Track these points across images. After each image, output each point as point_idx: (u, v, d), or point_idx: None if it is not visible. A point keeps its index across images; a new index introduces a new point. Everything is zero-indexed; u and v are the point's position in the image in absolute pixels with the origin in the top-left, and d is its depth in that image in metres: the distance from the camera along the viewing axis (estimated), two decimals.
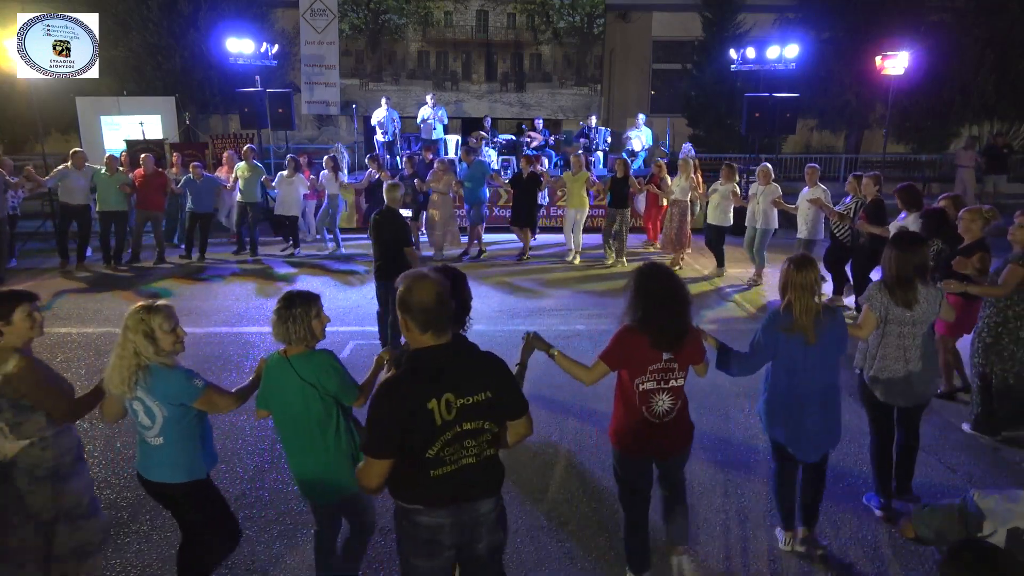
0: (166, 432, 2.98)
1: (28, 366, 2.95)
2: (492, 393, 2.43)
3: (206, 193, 10.56)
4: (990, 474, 4.71)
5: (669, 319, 3.10)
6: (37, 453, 3.00)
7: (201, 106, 16.56)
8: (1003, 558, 1.93)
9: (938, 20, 16.49)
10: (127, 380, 2.89)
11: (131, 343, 2.90)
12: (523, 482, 4.57)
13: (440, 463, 2.39)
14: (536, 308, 8.30)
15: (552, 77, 17.78)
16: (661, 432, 3.25)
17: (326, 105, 17.34)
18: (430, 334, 2.39)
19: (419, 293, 2.35)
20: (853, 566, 3.75)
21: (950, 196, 6.20)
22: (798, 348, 3.45)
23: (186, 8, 15.86)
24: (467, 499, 2.47)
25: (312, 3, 16.62)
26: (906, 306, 3.89)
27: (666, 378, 3.18)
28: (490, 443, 2.49)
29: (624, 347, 3.16)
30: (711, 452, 4.90)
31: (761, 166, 9.43)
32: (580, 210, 10.58)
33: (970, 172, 14.73)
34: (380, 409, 2.34)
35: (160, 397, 2.92)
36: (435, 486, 2.41)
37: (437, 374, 2.37)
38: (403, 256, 6.28)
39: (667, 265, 3.57)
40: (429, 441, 2.35)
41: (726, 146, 16.80)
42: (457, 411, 2.37)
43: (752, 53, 13.45)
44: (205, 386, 3.01)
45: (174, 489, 3.07)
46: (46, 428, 3.01)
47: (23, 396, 2.94)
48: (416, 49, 17.63)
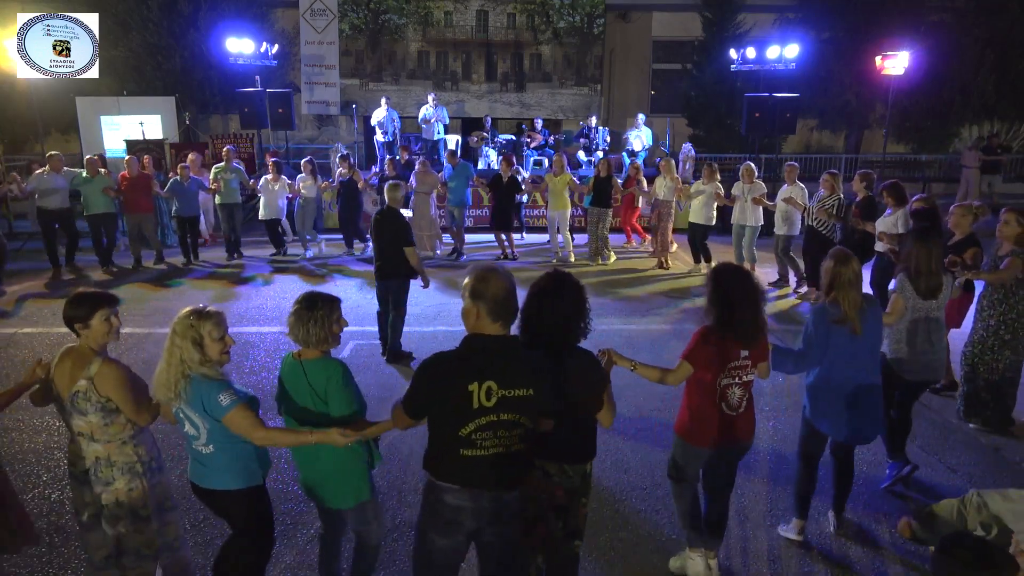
0: (215, 439, 2.89)
1: (111, 369, 2.96)
2: (534, 391, 2.52)
3: (192, 196, 10.46)
4: (990, 474, 4.71)
5: (748, 317, 3.21)
6: (131, 450, 3.03)
7: (201, 106, 16.57)
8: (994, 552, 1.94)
9: (938, 20, 16.49)
10: (173, 387, 2.82)
11: (178, 349, 2.81)
12: None
13: (472, 445, 2.50)
14: None
15: (552, 77, 17.79)
16: (732, 422, 3.34)
17: (326, 105, 17.34)
18: (495, 324, 2.53)
19: (494, 284, 2.50)
20: (853, 566, 3.75)
21: (922, 197, 6.39)
22: (846, 339, 3.61)
23: (186, 8, 15.86)
24: (491, 487, 2.56)
25: (312, 3, 16.62)
26: (931, 296, 4.25)
27: (741, 374, 3.31)
28: (522, 438, 2.57)
29: (707, 346, 3.26)
30: None
31: (744, 165, 9.61)
32: (563, 211, 10.66)
33: (975, 172, 14.74)
34: (420, 378, 2.54)
35: (197, 408, 2.83)
36: (464, 467, 2.52)
37: (484, 361, 2.50)
38: (403, 256, 6.27)
39: (741, 266, 3.81)
40: (463, 421, 2.47)
41: (726, 146, 16.80)
42: (498, 400, 2.47)
43: (752, 53, 13.46)
44: (233, 405, 2.82)
45: (231, 496, 2.98)
46: (129, 427, 3.03)
47: (109, 399, 2.94)
48: (416, 49, 17.63)
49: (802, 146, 18.76)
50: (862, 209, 7.48)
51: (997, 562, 1.88)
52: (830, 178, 8.08)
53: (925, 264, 4.24)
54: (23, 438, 5.07)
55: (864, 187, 7.61)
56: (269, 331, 7.45)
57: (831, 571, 3.71)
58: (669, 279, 9.83)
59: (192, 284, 9.53)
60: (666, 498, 4.33)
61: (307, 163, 11.19)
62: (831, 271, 3.64)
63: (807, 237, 8.43)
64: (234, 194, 10.76)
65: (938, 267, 4.28)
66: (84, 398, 2.93)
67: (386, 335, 6.57)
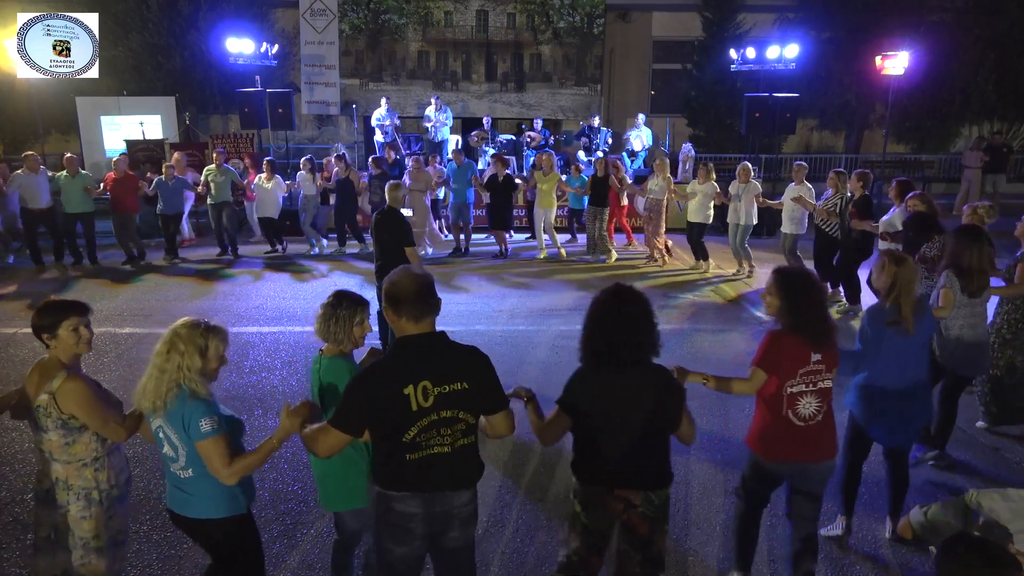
0: (194, 463, 2.65)
1: (75, 385, 2.76)
2: (468, 384, 2.51)
3: (175, 195, 10.48)
4: (990, 474, 4.71)
5: (819, 319, 3.11)
6: (90, 475, 2.83)
7: (201, 106, 16.58)
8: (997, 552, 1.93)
9: (938, 20, 16.49)
10: (163, 396, 2.58)
11: (179, 355, 2.59)
12: (523, 482, 4.57)
13: (416, 448, 2.48)
14: (537, 308, 8.30)
15: (552, 77, 17.78)
16: (806, 434, 3.18)
17: (326, 105, 17.35)
18: (418, 324, 2.51)
19: (404, 285, 2.51)
20: (853, 566, 3.75)
21: (918, 195, 6.36)
22: (899, 340, 3.64)
23: (186, 8, 15.87)
24: (441, 488, 2.54)
25: (312, 3, 16.62)
26: (978, 294, 4.44)
27: (815, 380, 3.15)
28: (464, 433, 2.55)
29: (777, 351, 3.14)
30: (711, 452, 4.89)
31: (740, 165, 9.77)
32: (549, 210, 10.80)
33: (977, 172, 14.74)
34: (356, 390, 2.50)
35: (176, 426, 2.61)
36: (411, 472, 2.50)
37: (416, 361, 2.48)
38: (404, 256, 6.27)
39: (804, 267, 3.88)
40: (406, 425, 2.45)
41: (726, 146, 16.81)
42: (434, 399, 2.46)
43: (752, 53, 13.46)
44: (212, 434, 2.58)
45: (213, 526, 2.75)
46: (98, 448, 2.84)
47: (71, 416, 2.76)
48: (416, 49, 17.63)
49: (802, 146, 18.76)
50: (858, 208, 7.57)
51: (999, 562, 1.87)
52: (835, 177, 8.16)
53: (977, 261, 4.35)
54: (23, 438, 5.07)
55: (860, 186, 7.69)
56: (269, 331, 7.45)
57: (832, 571, 3.71)
58: (666, 276, 9.88)
59: (189, 283, 9.52)
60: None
61: (306, 161, 11.22)
62: (892, 273, 3.60)
63: (816, 237, 8.50)
64: (224, 193, 10.76)
65: (987, 265, 4.42)
66: (44, 413, 2.76)
67: (386, 335, 6.57)
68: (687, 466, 4.72)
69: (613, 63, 18.43)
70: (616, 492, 2.73)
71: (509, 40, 17.60)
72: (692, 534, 4.00)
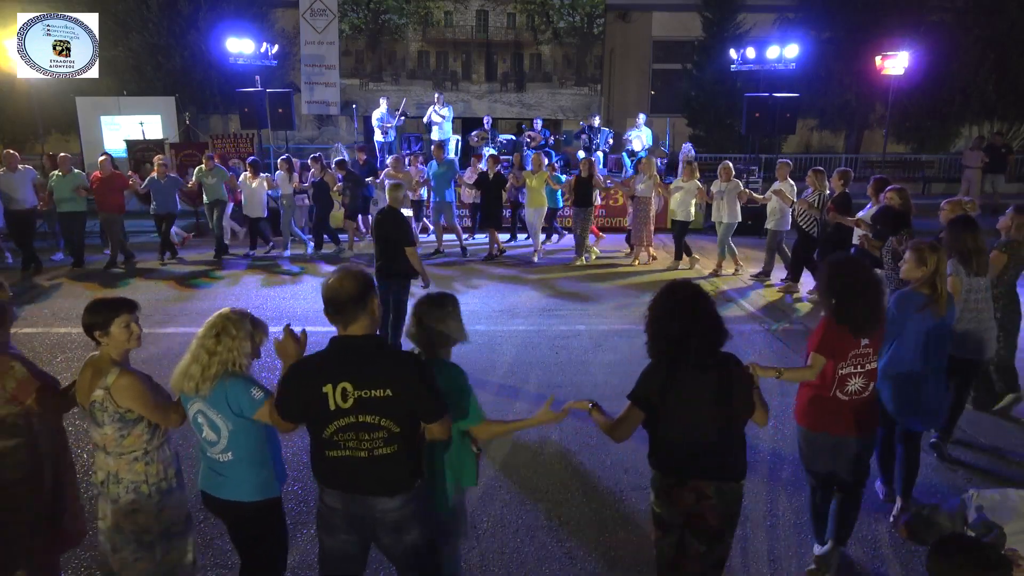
0: (234, 447, 2.77)
1: (128, 379, 2.81)
2: (392, 392, 2.46)
3: (169, 194, 10.45)
4: (990, 474, 4.71)
5: (869, 307, 3.28)
6: (141, 468, 2.86)
7: (201, 106, 16.58)
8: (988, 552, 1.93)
9: (938, 20, 16.49)
10: (211, 378, 2.69)
11: (230, 340, 2.71)
12: (523, 482, 4.57)
13: (334, 446, 2.52)
14: (536, 308, 8.30)
15: (552, 77, 17.79)
16: (850, 407, 3.39)
17: (326, 105, 17.35)
18: (341, 327, 2.54)
19: (327, 286, 2.54)
20: (853, 566, 3.75)
21: (895, 188, 6.53)
22: (925, 324, 3.79)
23: (186, 8, 15.87)
24: (358, 491, 2.56)
25: (312, 3, 16.62)
26: (981, 273, 4.57)
27: (863, 362, 3.38)
28: (386, 442, 2.50)
29: (832, 336, 3.33)
30: None
31: (722, 164, 9.94)
32: (539, 209, 10.76)
33: (977, 172, 14.74)
34: (283, 381, 2.61)
35: (223, 408, 2.73)
36: (329, 468, 2.57)
37: (341, 362, 2.50)
38: (404, 256, 6.27)
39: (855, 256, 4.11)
40: (323, 423, 2.50)
41: (726, 146, 16.81)
42: (355, 401, 2.46)
43: (752, 53, 13.46)
44: (265, 398, 2.75)
45: (246, 508, 2.84)
46: (149, 442, 2.87)
47: (128, 409, 2.81)
48: (416, 49, 17.63)
49: (802, 146, 18.76)
50: (837, 204, 7.88)
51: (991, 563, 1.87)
52: (813, 175, 8.53)
53: (973, 243, 4.51)
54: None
55: (841, 184, 8.01)
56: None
57: (832, 571, 3.70)
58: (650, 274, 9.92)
59: (177, 283, 9.53)
60: None
61: (284, 161, 11.08)
62: (934, 262, 3.78)
63: (797, 233, 8.83)
64: (218, 192, 10.75)
65: (984, 246, 4.58)
66: (101, 408, 2.81)
67: (387, 334, 6.56)
68: None
69: (613, 63, 18.43)
70: (689, 483, 2.76)
71: (509, 40, 17.60)
72: None
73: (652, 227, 10.50)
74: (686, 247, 10.26)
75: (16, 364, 3.02)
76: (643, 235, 10.43)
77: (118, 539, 2.88)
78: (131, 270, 10.30)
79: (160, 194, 10.36)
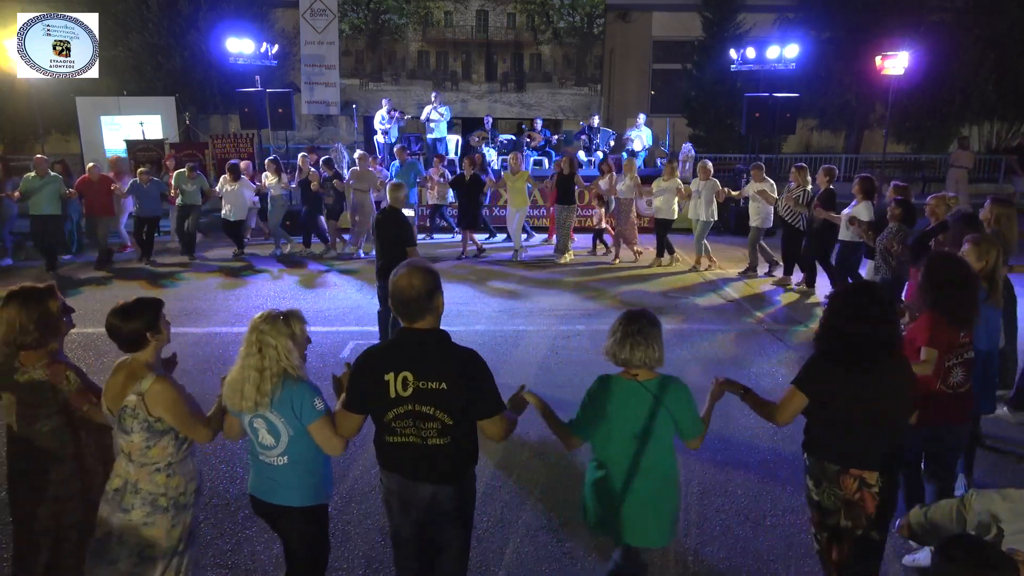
0: (292, 451, 2.73)
1: (164, 386, 2.71)
2: (447, 385, 2.57)
3: (152, 197, 10.40)
4: (990, 473, 4.71)
5: (971, 299, 3.46)
6: (162, 480, 2.75)
7: (201, 106, 16.58)
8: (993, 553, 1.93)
9: (938, 20, 16.49)
10: (268, 393, 2.63)
11: (273, 350, 2.64)
12: (523, 482, 4.57)
13: (393, 432, 2.65)
14: (536, 308, 8.30)
15: (552, 77, 17.79)
16: (954, 400, 3.55)
17: (326, 105, 17.35)
18: (406, 319, 2.65)
19: (395, 282, 2.63)
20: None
21: (898, 184, 7.15)
22: (987, 313, 3.97)
23: (186, 8, 15.87)
24: (409, 476, 2.69)
25: (312, 3, 16.63)
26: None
27: (962, 353, 3.54)
28: (440, 433, 2.61)
29: (941, 331, 3.47)
30: (711, 452, 4.89)
31: (701, 163, 10.16)
32: (521, 209, 10.80)
33: (963, 172, 14.73)
34: (354, 373, 2.72)
35: (287, 413, 2.68)
36: (388, 452, 2.71)
37: (403, 353, 2.63)
38: (405, 255, 6.27)
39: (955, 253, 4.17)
40: (384, 409, 2.63)
41: (726, 146, 16.81)
42: (413, 391, 2.58)
43: (752, 53, 13.47)
44: (323, 413, 2.71)
45: (300, 513, 2.81)
46: (173, 454, 2.77)
47: (158, 419, 2.70)
48: (416, 49, 17.64)
49: (802, 146, 18.76)
50: (823, 201, 8.26)
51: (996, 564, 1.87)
52: (797, 172, 8.91)
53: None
54: None
55: (827, 180, 8.36)
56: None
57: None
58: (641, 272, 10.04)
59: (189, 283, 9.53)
60: None
61: (271, 162, 11.03)
62: (995, 255, 4.01)
63: (783, 229, 9.15)
64: (194, 197, 10.72)
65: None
66: (131, 414, 2.69)
67: (387, 334, 6.56)
68: (687, 466, 4.72)
69: (613, 63, 18.43)
70: (852, 471, 2.86)
71: (509, 40, 17.61)
72: (692, 534, 4.00)
73: (636, 226, 10.63)
74: (668, 245, 10.41)
75: (71, 373, 2.96)
76: (627, 234, 10.50)
77: (119, 551, 2.74)
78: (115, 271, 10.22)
79: (143, 198, 10.32)
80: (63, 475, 3.02)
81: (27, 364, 2.95)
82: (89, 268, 10.33)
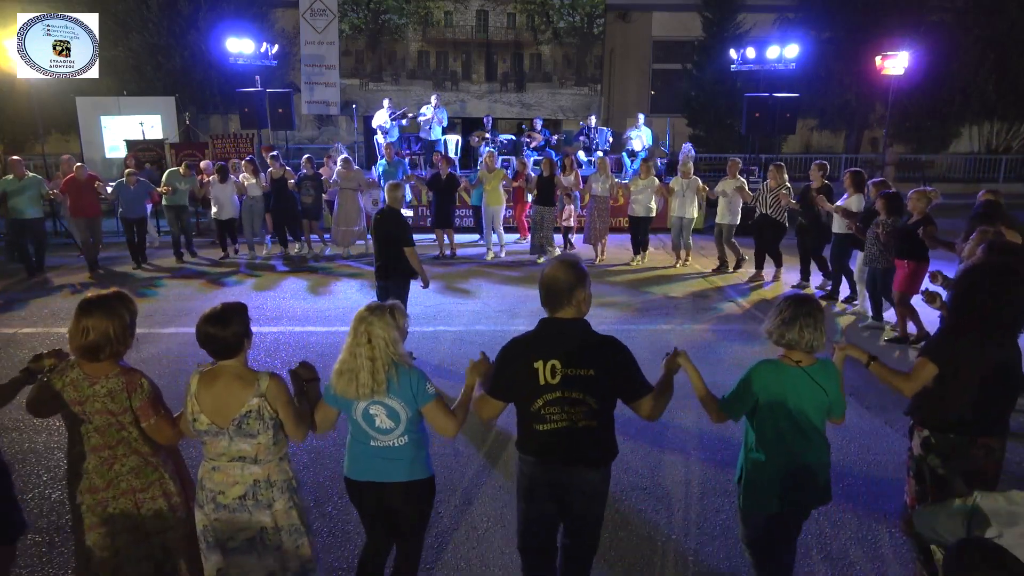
0: (410, 430, 2.90)
1: (279, 383, 2.80)
2: (595, 372, 2.73)
3: (138, 199, 10.21)
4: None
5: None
6: (288, 467, 2.89)
7: (201, 106, 16.59)
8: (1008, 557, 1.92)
9: (938, 20, 16.51)
10: (383, 381, 2.77)
11: (381, 340, 2.77)
12: None
13: (542, 420, 2.76)
14: (536, 309, 8.28)
15: (552, 77, 17.80)
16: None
17: (326, 105, 17.36)
18: (549, 310, 2.83)
19: (545, 274, 2.82)
20: (853, 566, 3.75)
21: (878, 181, 7.61)
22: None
23: (186, 8, 15.89)
24: (562, 461, 2.79)
25: (312, 3, 16.63)
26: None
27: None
28: (587, 416, 2.75)
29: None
30: (711, 452, 4.89)
31: (681, 161, 10.42)
32: (498, 207, 10.84)
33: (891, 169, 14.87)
34: (498, 360, 2.88)
35: (406, 397, 2.83)
36: (538, 440, 2.79)
37: (551, 342, 2.77)
38: (403, 256, 6.26)
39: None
40: (533, 397, 2.76)
41: (726, 146, 16.82)
42: (562, 378, 2.72)
43: (752, 53, 13.47)
44: (436, 395, 2.91)
45: (419, 486, 2.97)
46: (285, 441, 2.87)
47: (276, 414, 2.78)
48: (416, 49, 17.64)
49: (802, 146, 18.77)
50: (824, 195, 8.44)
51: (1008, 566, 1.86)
52: (775, 170, 9.10)
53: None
54: (23, 438, 5.08)
55: (820, 175, 8.64)
56: (269, 331, 7.45)
57: (831, 570, 3.71)
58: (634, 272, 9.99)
59: (184, 283, 9.53)
60: (666, 498, 4.33)
61: (248, 163, 10.88)
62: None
63: (760, 224, 9.29)
64: (182, 197, 10.65)
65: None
66: (257, 417, 2.73)
67: None
68: (687, 466, 4.72)
69: (613, 63, 18.44)
70: (980, 441, 3.03)
71: (509, 40, 17.61)
72: (692, 534, 4.00)
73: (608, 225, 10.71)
74: (644, 242, 10.57)
75: (145, 381, 2.85)
76: (599, 232, 10.57)
77: (276, 537, 2.84)
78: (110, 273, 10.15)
79: (129, 199, 10.14)
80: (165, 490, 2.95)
81: (97, 374, 2.80)
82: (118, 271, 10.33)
